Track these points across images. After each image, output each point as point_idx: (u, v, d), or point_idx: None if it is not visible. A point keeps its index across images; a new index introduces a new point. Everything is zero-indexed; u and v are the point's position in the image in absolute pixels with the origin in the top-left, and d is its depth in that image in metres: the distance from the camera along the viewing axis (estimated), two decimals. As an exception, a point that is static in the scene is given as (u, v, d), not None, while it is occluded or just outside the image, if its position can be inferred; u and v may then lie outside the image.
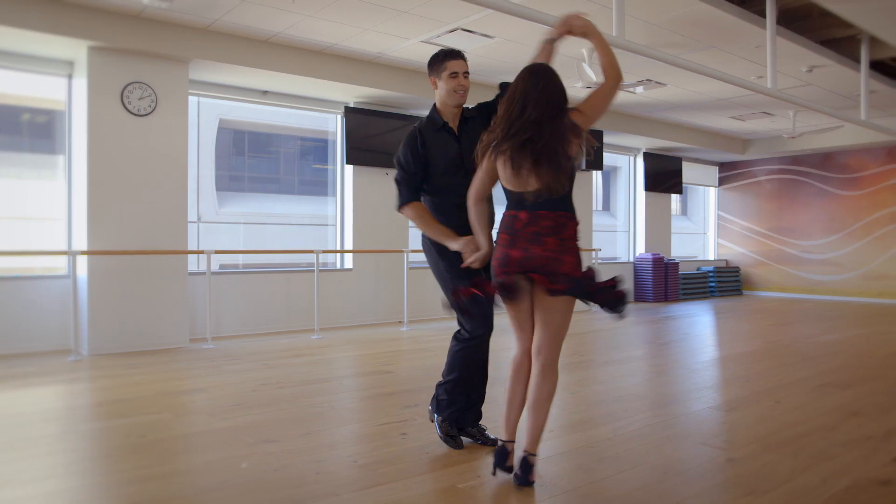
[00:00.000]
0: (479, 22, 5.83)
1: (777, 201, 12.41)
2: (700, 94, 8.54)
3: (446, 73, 3.00)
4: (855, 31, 6.61)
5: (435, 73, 3.06)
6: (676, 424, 3.60)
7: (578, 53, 6.65)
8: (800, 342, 6.63)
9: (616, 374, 4.99)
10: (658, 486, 2.68)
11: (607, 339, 6.88)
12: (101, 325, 5.72)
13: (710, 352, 6.28)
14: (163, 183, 6.04)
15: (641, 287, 11.14)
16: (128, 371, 4.98)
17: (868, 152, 11.19)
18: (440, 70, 3.03)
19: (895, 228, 10.87)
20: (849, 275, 11.42)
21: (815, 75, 7.44)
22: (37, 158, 6.36)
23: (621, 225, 11.97)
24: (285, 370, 5.03)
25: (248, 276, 7.14)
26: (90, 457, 3.03)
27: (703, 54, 6.61)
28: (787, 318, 8.80)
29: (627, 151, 11.33)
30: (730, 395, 4.27)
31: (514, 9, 4.16)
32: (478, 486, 2.65)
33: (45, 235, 6.23)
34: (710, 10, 5.57)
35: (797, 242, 12.09)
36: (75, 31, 5.36)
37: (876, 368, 5.24)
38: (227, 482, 2.68)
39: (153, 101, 5.92)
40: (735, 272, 12.79)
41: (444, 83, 3.01)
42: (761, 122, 10.37)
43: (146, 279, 5.96)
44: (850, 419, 3.68)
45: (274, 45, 6.38)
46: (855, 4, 5.58)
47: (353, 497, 2.53)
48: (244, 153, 11.17)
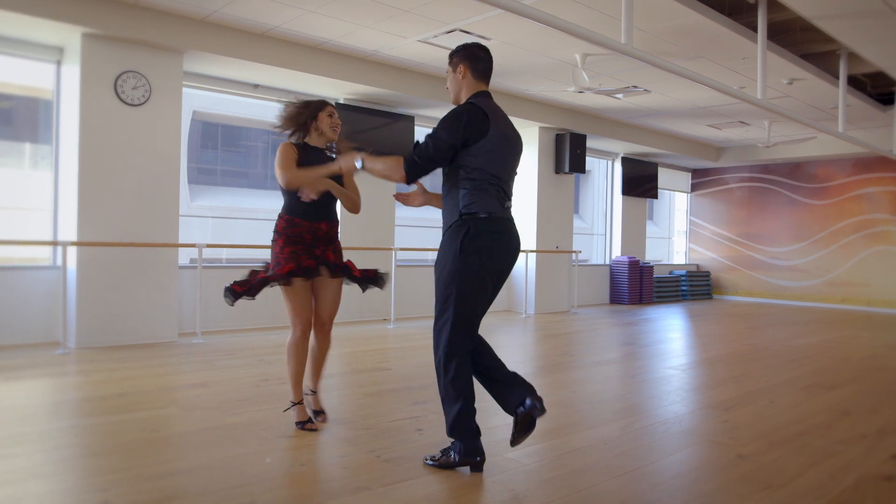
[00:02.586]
0: (477, 24, 5.89)
1: (747, 208, 12.77)
2: (681, 102, 8.75)
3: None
4: (835, 47, 6.86)
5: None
6: (680, 423, 3.71)
7: (572, 58, 6.77)
8: (777, 345, 6.86)
9: (607, 375, 5.10)
10: (678, 481, 2.77)
11: (589, 341, 7.01)
12: (90, 318, 5.61)
13: (694, 354, 6.45)
14: (155, 175, 5.94)
15: (618, 289, 11.35)
16: (120, 365, 4.89)
17: (835, 163, 11.60)
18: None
19: (860, 237, 11.29)
20: (814, 281, 11.82)
21: (795, 87, 7.70)
22: (20, 147, 6.20)
23: (591, 228, 12.18)
24: (282, 366, 4.97)
25: (235, 270, 7.03)
26: (106, 452, 2.98)
27: (692, 63, 6.78)
28: (760, 322, 9.08)
29: (606, 156, 11.53)
30: (724, 396, 4.40)
31: (522, 9, 4.21)
32: (506, 479, 2.71)
33: (29, 226, 6.07)
34: (704, 21, 5.73)
35: (766, 249, 12.46)
36: (70, 16, 5.24)
37: (855, 371, 5.46)
38: (256, 476, 2.68)
39: (147, 90, 5.82)
40: (706, 276, 13.12)
41: None
42: (736, 131, 10.67)
43: (136, 272, 5.85)
44: (843, 418, 3.85)
45: (269, 39, 6.33)
46: (838, 21, 5.80)
47: (385, 491, 2.56)
48: (217, 146, 11.02)
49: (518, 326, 8.09)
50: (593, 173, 12.35)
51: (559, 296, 9.91)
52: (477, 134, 2.69)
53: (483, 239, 2.69)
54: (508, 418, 3.70)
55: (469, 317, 2.72)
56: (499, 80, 7.82)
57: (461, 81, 2.86)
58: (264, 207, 9.75)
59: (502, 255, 2.78)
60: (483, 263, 2.70)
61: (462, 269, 2.68)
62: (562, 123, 9.36)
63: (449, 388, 2.73)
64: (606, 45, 4.56)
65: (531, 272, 9.45)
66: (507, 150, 2.82)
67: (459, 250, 2.68)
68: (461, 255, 2.68)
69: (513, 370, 2.87)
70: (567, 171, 9.55)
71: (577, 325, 8.18)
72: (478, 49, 2.88)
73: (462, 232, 2.69)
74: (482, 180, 2.72)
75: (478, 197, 2.71)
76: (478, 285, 2.72)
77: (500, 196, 2.78)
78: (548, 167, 9.62)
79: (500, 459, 2.94)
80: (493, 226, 2.73)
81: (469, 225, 2.69)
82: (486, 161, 2.72)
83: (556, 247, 9.76)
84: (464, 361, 2.73)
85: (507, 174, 2.83)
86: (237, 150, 11.04)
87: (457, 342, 2.71)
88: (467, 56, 2.86)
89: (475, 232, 2.68)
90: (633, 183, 11.68)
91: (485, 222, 2.70)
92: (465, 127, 2.68)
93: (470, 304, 2.71)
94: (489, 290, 2.80)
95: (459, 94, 2.88)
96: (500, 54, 6.78)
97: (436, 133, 2.70)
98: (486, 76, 2.90)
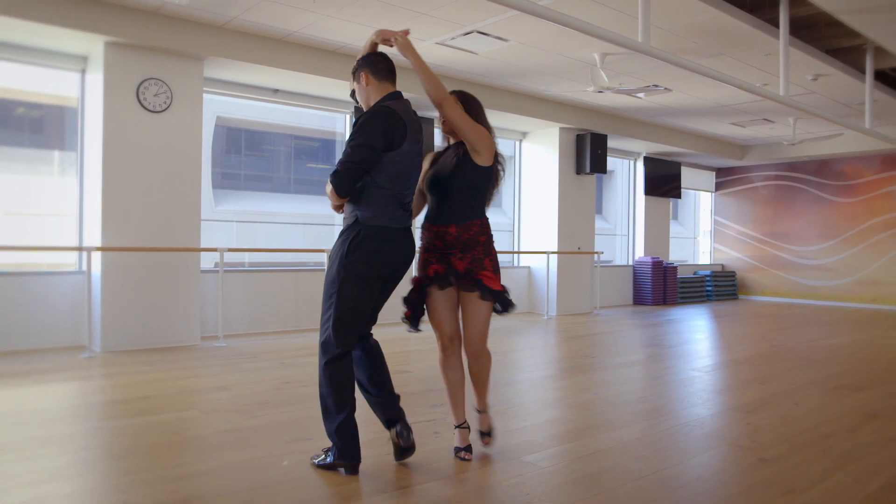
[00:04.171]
0: (495, 25, 5.88)
1: (773, 207, 12.57)
2: (703, 100, 8.64)
3: None
4: (861, 41, 6.73)
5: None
6: (702, 425, 3.66)
7: (590, 58, 6.72)
8: (804, 346, 6.73)
9: (629, 377, 5.05)
10: (698, 485, 2.73)
11: (611, 343, 6.95)
12: (114, 322, 5.70)
13: (718, 355, 6.36)
14: (177, 180, 6.02)
15: (641, 290, 11.24)
16: (144, 368, 4.96)
17: (863, 160, 11.37)
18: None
19: (889, 235, 11.05)
20: (843, 280, 11.59)
21: (820, 83, 7.56)
22: (49, 154, 6.32)
23: (614, 228, 12.08)
24: (303, 369, 5.04)
25: (257, 274, 7.12)
26: (128, 454, 3.02)
27: (713, 61, 6.69)
28: (786, 323, 8.92)
29: (627, 155, 11.44)
30: (748, 398, 4.33)
31: (538, 10, 4.20)
32: (521, 483, 2.69)
33: (53, 231, 6.19)
34: (724, 18, 5.65)
35: (792, 248, 12.25)
36: (93, 25, 5.33)
37: (884, 371, 5.34)
38: (273, 479, 2.69)
39: (168, 97, 5.91)
40: (731, 276, 12.94)
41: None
42: (761, 129, 10.51)
43: (159, 276, 5.94)
44: (870, 421, 3.76)
45: (288, 44, 6.38)
46: (864, 15, 5.68)
47: (400, 494, 2.56)
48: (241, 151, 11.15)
49: (540, 328, 8.05)
50: (616, 173, 12.26)
51: (581, 297, 9.84)
52: (393, 142, 2.70)
53: (370, 244, 2.70)
54: (527, 420, 3.70)
55: (350, 316, 2.73)
56: (517, 81, 7.80)
57: (366, 89, 2.86)
58: (288, 211, 9.83)
59: (389, 261, 2.78)
60: (369, 268, 2.72)
61: (346, 272, 2.71)
62: (582, 124, 9.30)
63: (324, 385, 2.76)
64: (623, 44, 4.53)
65: (553, 274, 9.39)
66: (413, 162, 2.83)
67: (346, 253, 2.71)
68: (347, 258, 2.71)
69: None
70: (588, 172, 9.49)
71: (599, 327, 8.12)
72: (374, 55, 2.89)
73: (351, 236, 2.72)
74: (383, 189, 2.71)
75: (374, 205, 2.71)
76: (361, 288, 2.73)
77: (397, 206, 2.78)
78: (568, 168, 9.57)
79: (517, 462, 2.93)
80: (383, 233, 2.73)
81: (360, 229, 2.71)
82: (391, 174, 2.72)
83: (577, 248, 9.70)
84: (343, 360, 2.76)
85: (408, 186, 2.82)
86: (260, 155, 11.16)
87: (336, 340, 2.73)
88: (365, 63, 2.86)
89: (364, 236, 2.70)
90: (655, 183, 11.57)
91: (375, 230, 2.71)
92: (384, 133, 2.68)
93: (351, 304, 2.72)
94: (375, 294, 2.80)
95: (368, 100, 2.87)
96: (518, 55, 6.77)
97: (353, 139, 2.68)
98: (390, 75, 2.88)
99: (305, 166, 10.08)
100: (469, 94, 3.07)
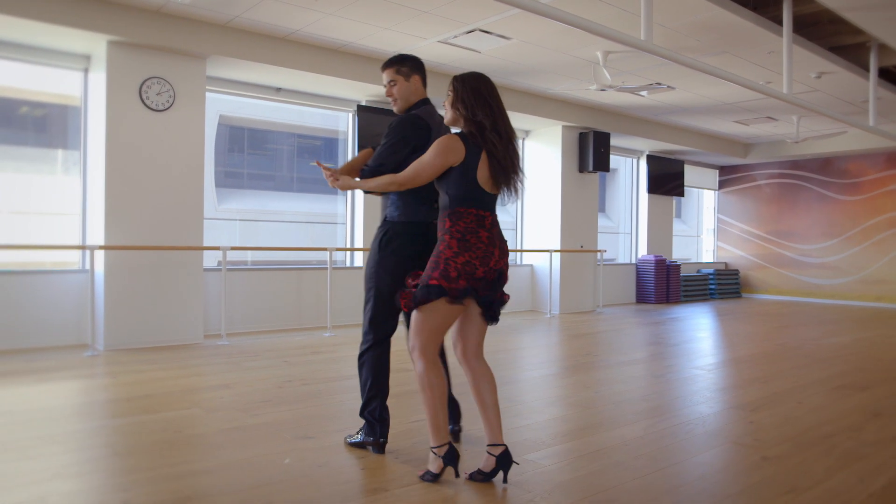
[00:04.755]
0: (498, 23, 5.87)
1: (776, 205, 12.54)
2: (706, 98, 8.62)
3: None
4: (865, 39, 6.70)
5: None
6: (705, 423, 3.65)
7: (593, 56, 6.71)
8: (808, 345, 6.72)
9: (632, 375, 5.04)
10: (700, 483, 2.73)
11: (614, 341, 6.94)
12: (118, 321, 5.71)
13: (721, 353, 6.35)
14: (180, 179, 6.03)
15: (644, 289, 11.22)
16: (147, 367, 4.97)
17: (867, 158, 11.33)
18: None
19: (893, 233, 11.02)
20: (847, 279, 11.56)
21: (823, 81, 7.53)
22: (52, 153, 6.33)
23: (617, 226, 12.06)
24: (306, 367, 5.05)
25: (260, 273, 7.13)
26: (130, 452, 3.03)
27: (716, 59, 6.67)
28: (790, 321, 8.90)
29: (630, 154, 11.42)
30: (750, 396, 4.32)
31: (541, 8, 4.19)
32: (524, 481, 2.69)
33: (57, 230, 6.20)
34: (727, 16, 5.63)
35: (796, 246, 12.22)
36: (96, 25, 5.34)
37: (888, 371, 5.32)
38: (274, 477, 2.70)
39: (171, 96, 5.91)
40: (734, 275, 12.91)
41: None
42: (764, 127, 10.48)
43: (162, 275, 5.95)
44: (874, 420, 3.75)
45: (291, 43, 6.38)
46: (868, 12, 5.66)
47: (403, 492, 2.56)
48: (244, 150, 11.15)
49: (542, 326, 8.04)
50: (619, 171, 12.23)
51: (584, 295, 9.84)
52: (419, 146, 2.92)
53: (397, 240, 2.99)
54: (531, 419, 3.70)
55: (386, 307, 3.02)
56: (520, 80, 7.79)
57: (413, 90, 3.08)
58: (291, 210, 9.84)
59: (414, 254, 2.99)
60: (398, 261, 2.98)
61: (379, 267, 3.02)
62: (585, 122, 9.28)
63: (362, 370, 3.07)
64: (626, 42, 4.51)
65: (556, 272, 9.39)
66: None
67: (377, 250, 3.02)
68: (379, 254, 3.02)
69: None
70: (591, 170, 9.47)
71: (602, 325, 8.11)
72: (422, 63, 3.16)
73: (381, 234, 3.04)
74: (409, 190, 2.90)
75: (398, 204, 3.02)
76: (394, 280, 2.98)
77: (419, 202, 3.01)
78: (571, 166, 9.55)
79: (519, 461, 2.92)
80: (408, 229, 3.01)
81: (388, 228, 3.03)
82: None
83: (580, 246, 9.69)
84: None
85: (429, 185, 2.90)
86: (263, 154, 11.17)
87: (375, 328, 3.03)
88: (421, 69, 3.11)
89: (392, 234, 3.01)
90: (658, 181, 11.55)
91: (400, 226, 3.01)
92: (414, 136, 2.95)
93: (386, 295, 3.00)
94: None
95: (409, 99, 3.08)
96: (521, 53, 6.76)
97: (385, 143, 2.97)
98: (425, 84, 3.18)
99: (308, 165, 10.07)
100: (468, 77, 2.70)
